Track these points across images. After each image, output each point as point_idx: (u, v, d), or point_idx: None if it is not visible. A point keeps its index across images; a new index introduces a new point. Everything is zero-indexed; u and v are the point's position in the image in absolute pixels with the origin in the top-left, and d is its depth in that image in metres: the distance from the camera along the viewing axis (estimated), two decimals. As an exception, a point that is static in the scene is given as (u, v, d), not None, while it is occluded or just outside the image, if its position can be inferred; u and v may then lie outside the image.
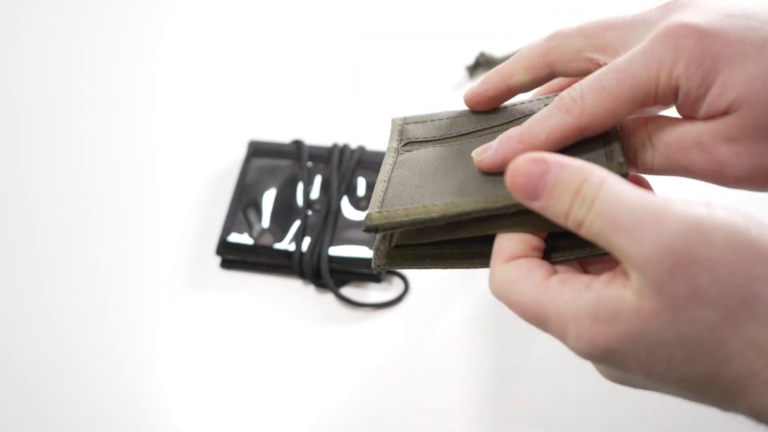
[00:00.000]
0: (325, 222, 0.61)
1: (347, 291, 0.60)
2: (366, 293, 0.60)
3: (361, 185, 0.63)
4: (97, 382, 0.56)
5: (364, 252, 0.59)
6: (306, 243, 0.60)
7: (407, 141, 0.42)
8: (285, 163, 0.65)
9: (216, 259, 0.62)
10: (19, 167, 0.69)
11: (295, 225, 0.61)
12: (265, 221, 0.61)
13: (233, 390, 0.56)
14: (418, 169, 0.39)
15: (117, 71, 0.76)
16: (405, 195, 0.37)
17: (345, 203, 0.62)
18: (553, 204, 0.31)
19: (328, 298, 0.60)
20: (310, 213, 0.62)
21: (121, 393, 0.56)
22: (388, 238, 0.39)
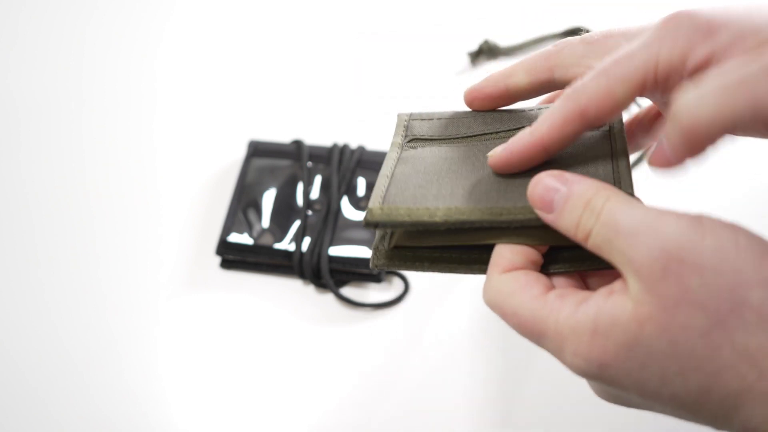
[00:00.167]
0: (325, 222, 0.61)
1: (347, 291, 0.60)
2: (366, 293, 0.60)
3: (361, 185, 0.63)
4: (97, 382, 0.56)
5: (364, 252, 0.59)
6: (306, 243, 0.60)
7: (412, 137, 0.41)
8: (285, 163, 0.65)
9: (216, 259, 0.62)
10: (19, 167, 0.69)
11: (295, 225, 0.61)
12: (265, 221, 0.61)
13: (233, 390, 0.56)
14: (422, 168, 0.39)
15: (117, 71, 0.76)
16: (408, 193, 0.37)
17: (345, 203, 0.62)
18: (566, 215, 0.32)
19: (328, 298, 0.60)
20: (310, 213, 0.62)
21: (121, 393, 0.56)
22: (387, 237, 0.38)
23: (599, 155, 0.36)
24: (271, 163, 0.65)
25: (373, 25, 0.79)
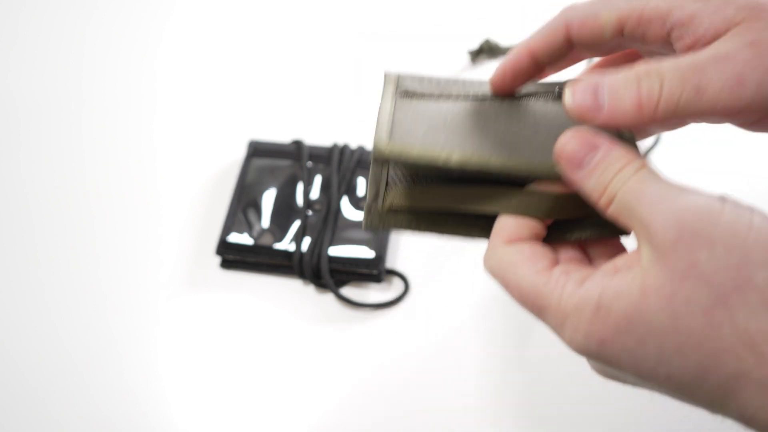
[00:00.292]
0: (325, 222, 0.61)
1: (347, 291, 0.60)
2: (366, 293, 0.60)
3: (361, 185, 0.63)
4: (97, 382, 0.56)
5: (364, 252, 0.59)
6: (306, 243, 0.60)
7: (405, 90, 0.40)
8: (285, 163, 0.65)
9: (216, 259, 0.62)
10: (19, 167, 0.69)
11: (295, 225, 0.61)
12: (265, 221, 0.61)
13: (233, 390, 0.56)
14: (426, 117, 0.37)
15: (117, 71, 0.76)
16: (416, 135, 0.35)
17: (345, 203, 0.62)
18: (595, 176, 0.32)
19: (328, 298, 0.60)
20: (310, 213, 0.62)
21: (121, 393, 0.56)
22: (381, 197, 0.36)
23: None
24: (271, 163, 0.65)
25: (373, 25, 0.79)
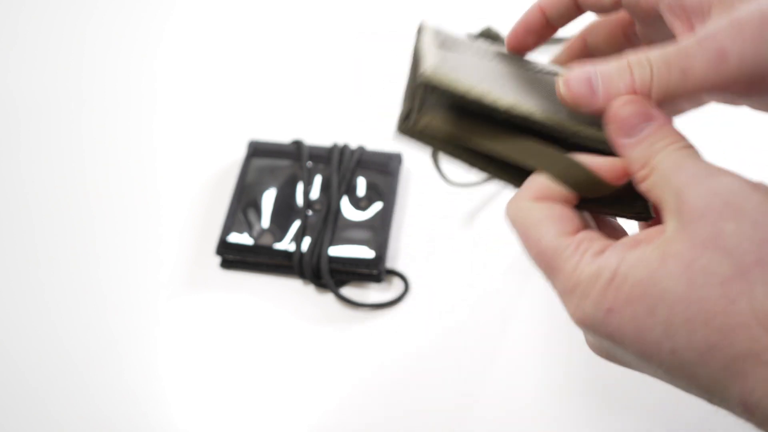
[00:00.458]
0: (325, 222, 0.61)
1: (347, 291, 0.60)
2: (366, 293, 0.60)
3: (361, 185, 0.63)
4: (97, 382, 0.56)
5: (364, 252, 0.59)
6: (306, 243, 0.60)
7: (442, 41, 0.38)
8: (285, 163, 0.65)
9: (216, 259, 0.62)
10: (19, 167, 0.69)
11: (295, 225, 0.61)
12: (265, 221, 0.61)
13: (233, 390, 0.56)
14: (468, 65, 0.36)
15: (117, 71, 0.76)
16: (463, 73, 0.34)
17: (345, 203, 0.62)
18: (644, 146, 0.32)
19: (328, 298, 0.60)
20: (310, 213, 0.62)
21: (121, 393, 0.56)
22: (413, 119, 0.35)
23: None
24: (271, 163, 0.65)
25: (373, 26, 0.79)
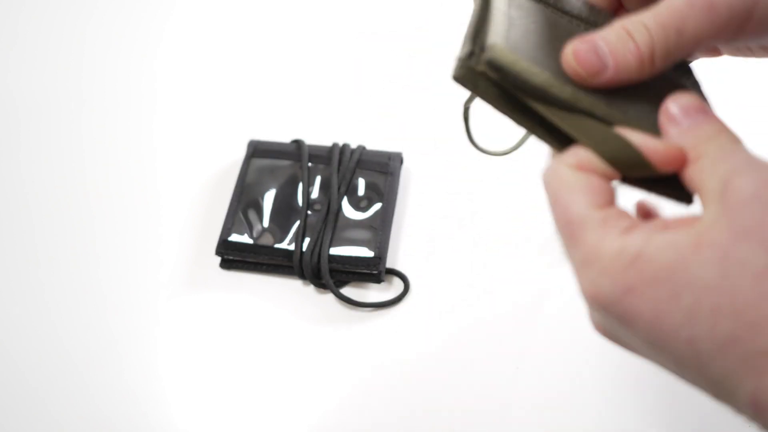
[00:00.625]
0: (325, 222, 0.61)
1: (347, 291, 0.60)
2: (366, 293, 0.60)
3: (361, 185, 0.63)
4: (97, 382, 0.56)
5: (364, 252, 0.59)
6: (306, 243, 0.60)
7: None
8: (285, 163, 0.65)
9: (216, 259, 0.62)
10: (19, 167, 0.69)
11: (295, 225, 0.61)
12: (265, 221, 0.61)
13: (233, 390, 0.56)
14: (533, 27, 0.35)
15: (117, 71, 0.76)
16: (530, 47, 0.33)
17: (345, 203, 0.62)
18: (695, 134, 0.31)
19: (328, 298, 0.60)
20: (310, 213, 0.62)
21: (121, 393, 0.56)
22: (476, 58, 0.34)
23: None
24: (271, 163, 0.65)
25: (373, 26, 0.79)
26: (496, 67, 0.32)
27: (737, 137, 0.31)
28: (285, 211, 0.62)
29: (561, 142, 0.34)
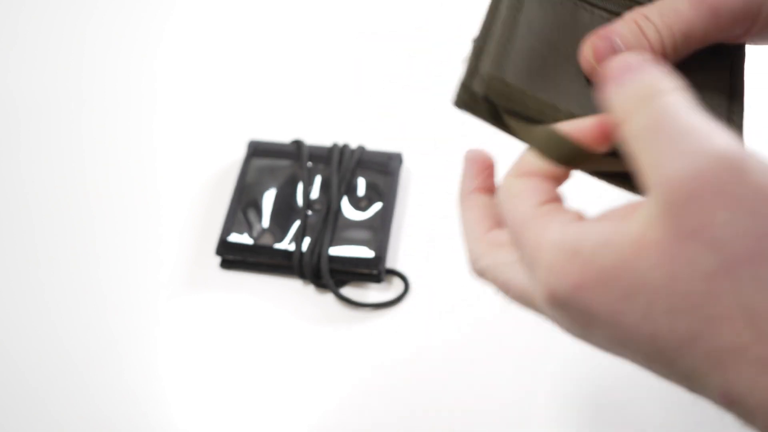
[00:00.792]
0: (325, 222, 0.61)
1: (347, 291, 0.60)
2: (366, 293, 0.60)
3: (361, 185, 0.63)
4: (97, 382, 0.56)
5: (364, 252, 0.59)
6: (306, 243, 0.60)
7: None
8: (285, 163, 0.65)
9: (216, 259, 0.62)
10: (19, 167, 0.69)
11: (295, 225, 0.61)
12: (265, 221, 0.61)
13: (233, 390, 0.56)
14: (537, 32, 0.35)
15: (117, 71, 0.76)
16: (532, 67, 0.34)
17: (345, 203, 0.62)
18: (621, 93, 0.29)
19: (328, 298, 0.60)
20: (310, 213, 0.62)
21: (121, 393, 0.56)
22: (477, 77, 0.34)
23: (716, 86, 0.36)
24: (271, 163, 0.65)
25: (373, 26, 0.79)
26: (488, 99, 0.33)
27: (675, 86, 0.28)
28: (285, 211, 0.62)
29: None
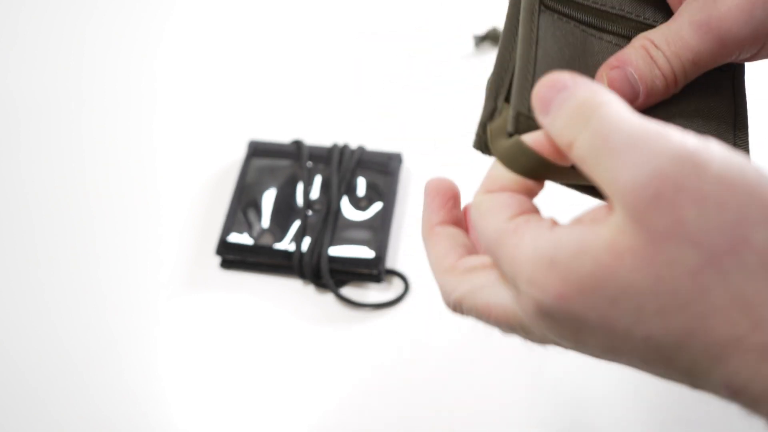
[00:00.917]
0: (325, 222, 0.61)
1: (347, 291, 0.60)
2: (366, 293, 0.60)
3: (361, 185, 0.63)
4: (97, 382, 0.56)
5: (364, 252, 0.59)
6: (306, 243, 0.60)
7: None
8: (285, 163, 0.65)
9: (216, 259, 0.62)
10: (19, 167, 0.69)
11: (295, 225, 0.61)
12: (265, 221, 0.61)
13: (233, 390, 0.56)
14: (554, 65, 0.34)
15: (117, 71, 0.76)
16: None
17: (345, 203, 0.62)
18: (558, 120, 0.29)
19: (328, 298, 0.60)
20: (310, 213, 0.62)
21: (121, 393, 0.56)
22: (496, 118, 0.34)
23: (720, 97, 0.37)
24: (271, 163, 0.65)
25: (373, 26, 0.79)
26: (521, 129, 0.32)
27: (607, 99, 0.28)
28: (285, 211, 0.62)
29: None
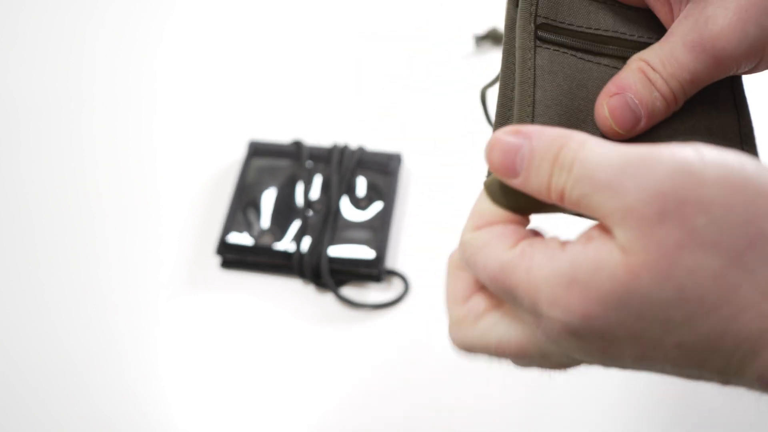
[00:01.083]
0: (325, 222, 0.61)
1: (347, 291, 0.60)
2: (366, 293, 0.60)
3: (361, 185, 0.63)
4: (97, 382, 0.56)
5: (364, 252, 0.59)
6: (306, 243, 0.60)
7: (543, 21, 0.35)
8: (285, 163, 0.65)
9: (216, 259, 0.62)
10: (19, 167, 0.69)
11: (295, 225, 0.61)
12: (265, 221, 0.61)
13: (233, 390, 0.56)
14: (555, 103, 0.34)
15: (117, 71, 0.76)
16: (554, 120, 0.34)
17: (345, 203, 0.62)
18: (533, 177, 0.28)
19: (328, 298, 0.60)
20: (310, 213, 0.62)
21: (121, 393, 0.56)
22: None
23: (722, 107, 0.36)
24: (271, 163, 0.65)
25: (373, 26, 0.79)
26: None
27: (576, 141, 0.28)
28: (285, 211, 0.62)
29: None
